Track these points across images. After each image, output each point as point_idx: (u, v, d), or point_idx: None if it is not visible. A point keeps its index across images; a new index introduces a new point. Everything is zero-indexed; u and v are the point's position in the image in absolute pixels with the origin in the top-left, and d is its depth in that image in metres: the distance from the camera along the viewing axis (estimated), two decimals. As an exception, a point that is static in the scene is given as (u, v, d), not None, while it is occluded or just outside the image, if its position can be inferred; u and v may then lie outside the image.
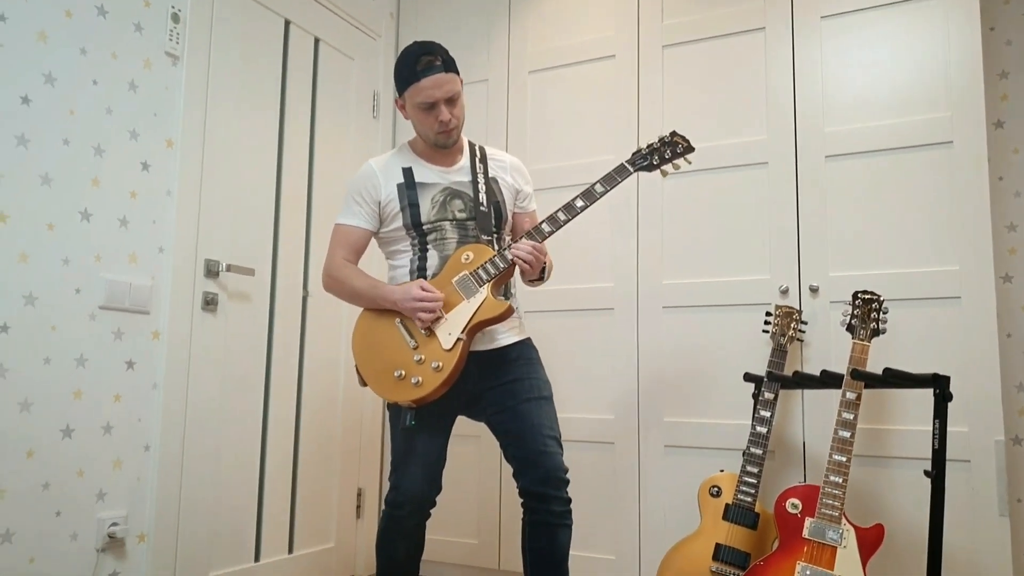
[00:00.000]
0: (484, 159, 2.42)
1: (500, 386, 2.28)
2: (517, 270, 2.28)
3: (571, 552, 3.12)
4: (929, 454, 2.62)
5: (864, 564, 2.25)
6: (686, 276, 3.12)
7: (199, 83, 2.82)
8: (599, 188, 2.28)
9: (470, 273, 2.21)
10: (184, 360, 2.72)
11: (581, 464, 3.23)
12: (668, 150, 2.35)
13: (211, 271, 2.83)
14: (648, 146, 2.36)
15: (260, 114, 3.10)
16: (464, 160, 2.40)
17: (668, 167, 2.37)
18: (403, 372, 2.16)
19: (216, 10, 2.90)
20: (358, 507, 3.52)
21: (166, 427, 2.64)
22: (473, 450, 3.44)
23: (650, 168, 2.35)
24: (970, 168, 2.72)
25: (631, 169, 2.32)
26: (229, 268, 2.87)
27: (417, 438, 2.25)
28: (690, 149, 2.37)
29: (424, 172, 2.35)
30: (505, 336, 2.32)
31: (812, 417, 2.84)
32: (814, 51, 2.99)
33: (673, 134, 2.37)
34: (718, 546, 2.57)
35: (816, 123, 2.95)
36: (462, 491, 3.46)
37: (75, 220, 2.40)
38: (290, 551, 3.16)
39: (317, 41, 3.44)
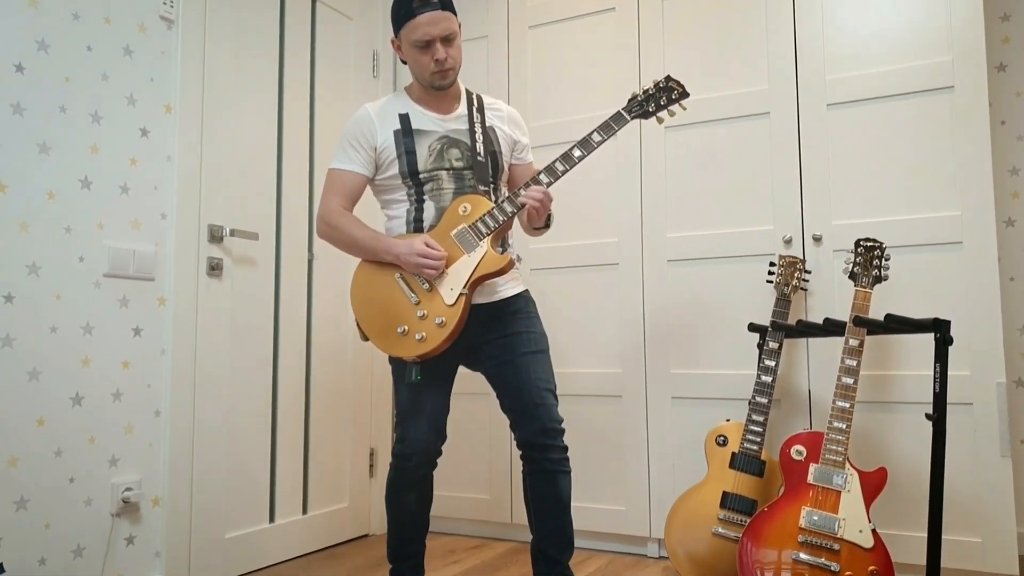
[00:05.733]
0: (481, 108, 2.39)
1: (498, 339, 2.30)
2: (518, 223, 2.28)
3: (581, 504, 3.19)
4: (931, 398, 2.64)
5: (868, 507, 2.28)
6: (690, 229, 3.12)
7: (195, 47, 2.80)
8: (596, 137, 2.25)
9: (469, 226, 2.20)
10: (191, 325, 2.74)
11: (590, 417, 3.26)
12: (663, 96, 2.32)
13: (215, 236, 2.83)
14: (644, 92, 2.33)
15: (259, 77, 3.08)
16: (462, 108, 2.37)
17: (664, 114, 2.34)
18: (406, 328, 2.17)
19: (209, -28, 2.88)
20: (371, 466, 3.56)
21: (176, 392, 2.67)
22: (484, 407, 3.47)
23: (646, 115, 2.33)
24: (971, 112, 2.70)
25: (628, 117, 2.30)
26: (233, 233, 2.87)
27: (422, 390, 2.27)
28: (685, 94, 2.33)
29: (421, 119, 2.31)
30: (505, 288, 2.32)
31: (817, 365, 2.86)
32: (814, -3, 2.96)
33: (668, 79, 2.33)
34: (725, 494, 2.60)
35: (817, 71, 2.93)
36: (473, 447, 3.50)
37: (75, 188, 2.41)
38: (304, 511, 3.21)
39: (314, 1, 3.41)
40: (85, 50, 2.45)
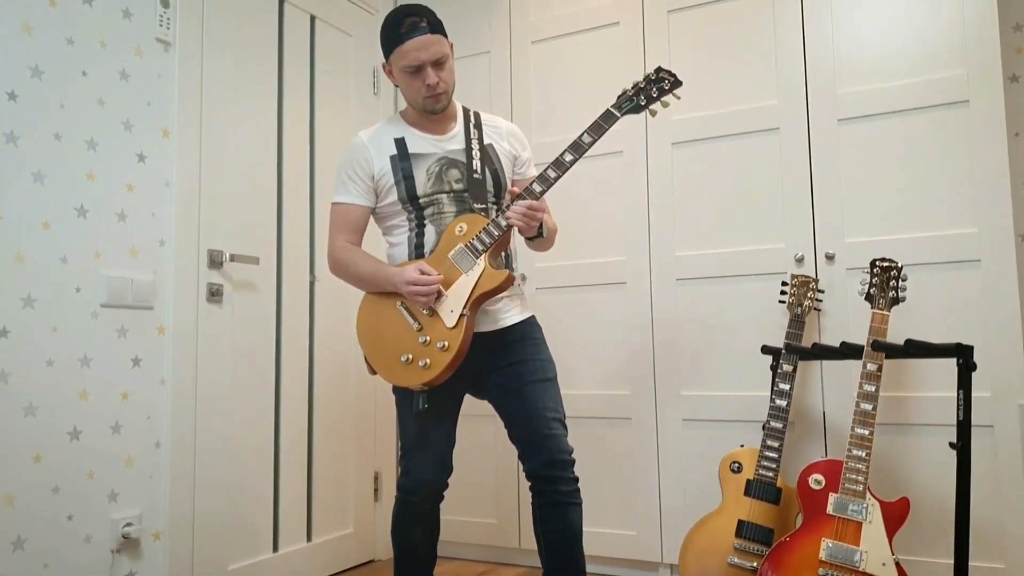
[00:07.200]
0: (479, 125, 2.34)
1: (504, 367, 2.23)
2: (516, 235, 2.21)
3: (592, 529, 3.13)
4: (952, 420, 2.57)
5: (890, 539, 2.21)
6: (699, 247, 3.06)
7: (193, 69, 2.75)
8: (586, 138, 2.15)
9: (465, 245, 2.14)
10: (191, 354, 2.67)
11: (599, 440, 3.19)
12: (654, 88, 2.20)
13: (214, 262, 2.77)
14: (633, 85, 2.22)
15: (257, 97, 3.03)
16: (458, 127, 2.31)
17: (656, 106, 2.23)
18: (410, 356, 2.11)
19: (206, -8, 2.82)
20: (375, 491, 3.49)
21: (176, 422, 2.61)
22: (491, 430, 3.41)
23: (637, 109, 2.21)
24: (987, 127, 2.64)
25: (618, 114, 2.19)
26: (233, 258, 2.81)
27: (427, 422, 2.22)
28: (678, 83, 2.21)
29: (418, 142, 2.26)
30: (508, 316, 2.26)
31: (831, 386, 2.79)
32: (824, 10, 2.89)
33: (658, 70, 2.22)
34: (741, 522, 2.54)
35: (827, 86, 2.87)
36: (481, 471, 3.43)
37: (71, 217, 2.35)
38: (308, 539, 3.14)
39: (313, 19, 3.36)
40: (80, 75, 2.39)
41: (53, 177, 2.30)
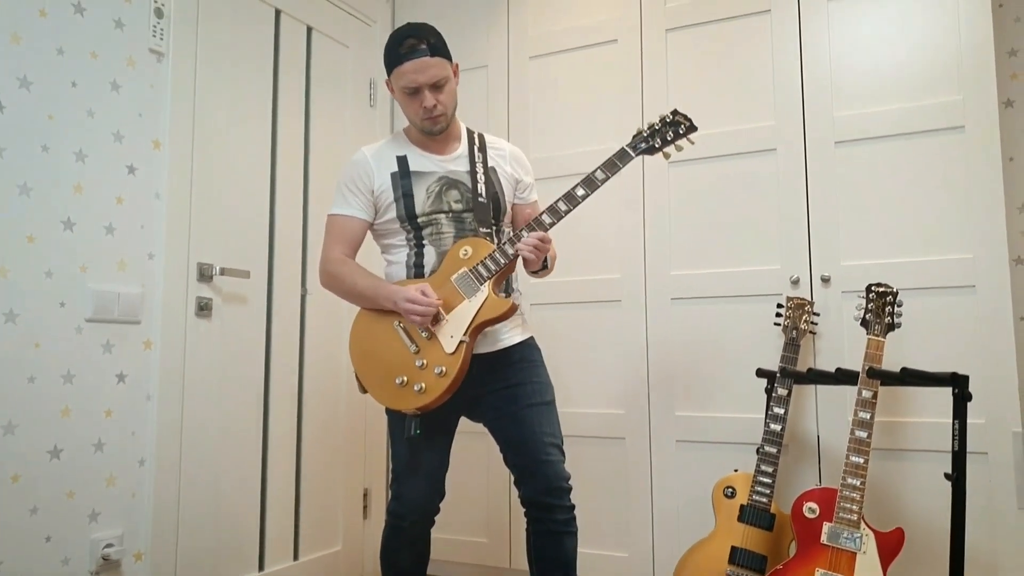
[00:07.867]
0: (483, 147, 2.31)
1: (501, 390, 2.20)
2: (519, 263, 2.19)
3: (584, 550, 3.09)
4: (946, 446, 2.55)
5: (884, 570, 2.18)
6: (694, 267, 3.03)
7: (186, 80, 2.71)
8: (600, 175, 2.16)
9: (469, 270, 2.11)
10: (178, 369, 2.63)
11: (592, 459, 3.16)
12: (670, 131, 2.22)
13: (204, 275, 2.73)
14: (649, 127, 2.22)
15: (252, 109, 2.99)
16: (462, 148, 2.29)
17: (671, 149, 2.24)
18: (405, 379, 2.07)
19: (202, 3, 2.78)
20: (364, 508, 3.45)
21: (161, 440, 2.56)
22: (482, 448, 3.36)
23: (652, 151, 2.22)
24: (983, 153, 2.62)
25: (632, 154, 2.20)
26: (223, 271, 2.77)
27: (421, 446, 2.17)
28: (693, 128, 2.23)
29: (420, 160, 2.24)
30: (507, 337, 2.22)
31: (826, 411, 2.76)
32: (821, 33, 2.88)
33: (675, 113, 2.23)
34: (734, 549, 2.50)
35: (825, 108, 2.85)
36: (471, 489, 3.39)
37: (57, 230, 2.30)
38: (295, 557, 3.10)
39: (310, 30, 3.33)
40: (70, 86, 2.35)
41: (39, 190, 2.26)
